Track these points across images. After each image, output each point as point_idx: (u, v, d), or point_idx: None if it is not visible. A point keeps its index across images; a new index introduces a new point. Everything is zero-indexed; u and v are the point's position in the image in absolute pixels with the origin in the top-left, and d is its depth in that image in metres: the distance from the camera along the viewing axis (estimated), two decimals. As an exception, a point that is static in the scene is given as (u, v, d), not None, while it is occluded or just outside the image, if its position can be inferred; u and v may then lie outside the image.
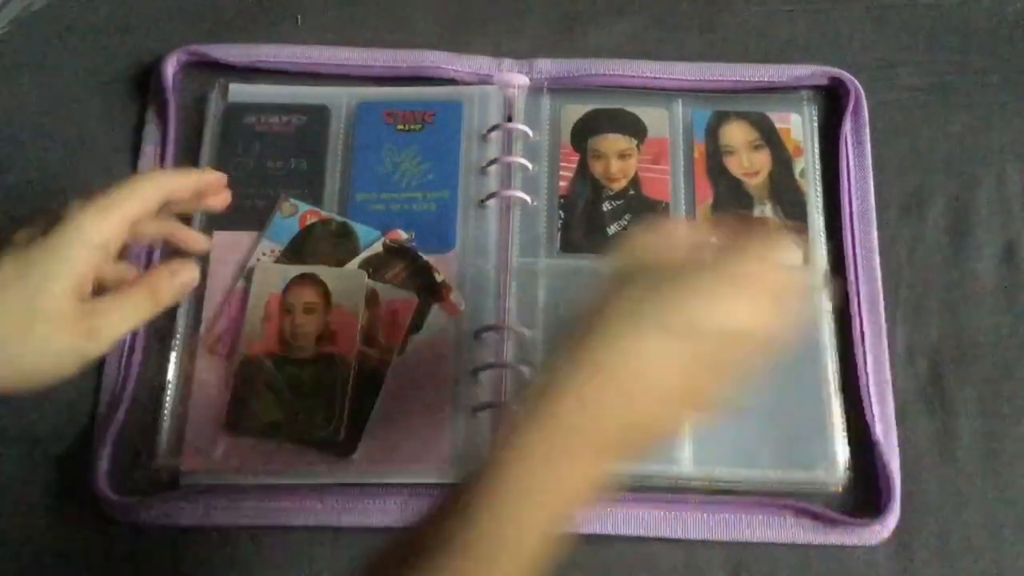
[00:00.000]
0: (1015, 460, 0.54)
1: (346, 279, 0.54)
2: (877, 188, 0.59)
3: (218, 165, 0.59)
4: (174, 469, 0.52)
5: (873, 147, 0.60)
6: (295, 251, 0.56)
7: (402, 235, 0.56)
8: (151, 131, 0.60)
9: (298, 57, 0.62)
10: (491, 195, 0.58)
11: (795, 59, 0.62)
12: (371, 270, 0.55)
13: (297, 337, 0.54)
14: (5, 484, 0.53)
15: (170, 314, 0.55)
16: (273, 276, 0.55)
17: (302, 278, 0.54)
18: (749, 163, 0.59)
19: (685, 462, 0.53)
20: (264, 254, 0.56)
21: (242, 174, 0.58)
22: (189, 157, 0.59)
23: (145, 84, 0.62)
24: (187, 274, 0.46)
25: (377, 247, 0.56)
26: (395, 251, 0.56)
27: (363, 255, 0.55)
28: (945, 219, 0.59)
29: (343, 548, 0.52)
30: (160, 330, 0.55)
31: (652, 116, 0.60)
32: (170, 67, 0.61)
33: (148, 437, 0.53)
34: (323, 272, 0.54)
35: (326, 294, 0.54)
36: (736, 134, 0.60)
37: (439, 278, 0.55)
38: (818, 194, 0.59)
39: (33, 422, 0.54)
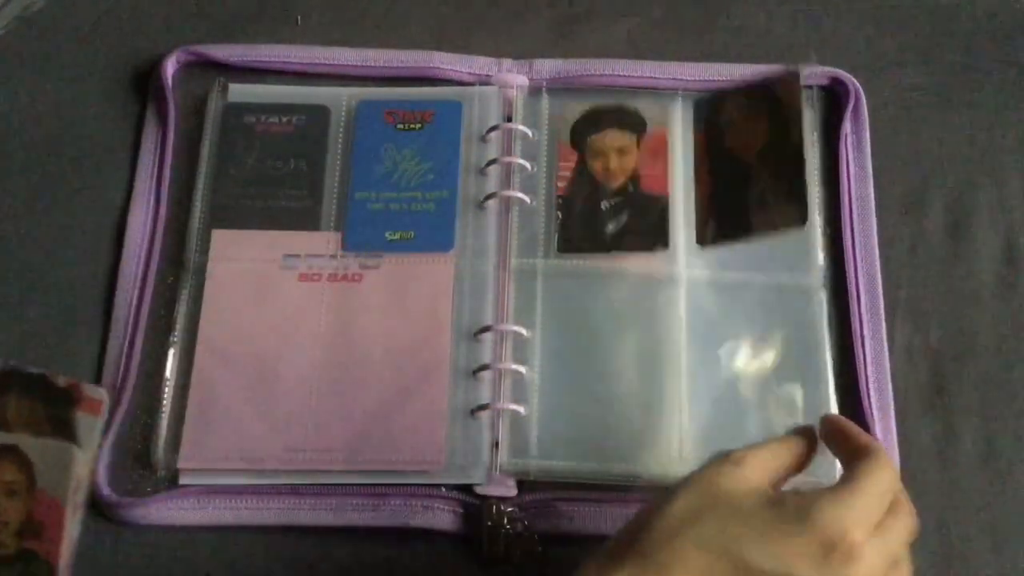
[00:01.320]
0: (1015, 460, 0.54)
1: (51, 453, 0.43)
2: (877, 188, 0.59)
3: (217, 165, 0.59)
4: (173, 468, 0.53)
5: (873, 147, 0.60)
6: None
7: None
8: (150, 131, 0.60)
9: (298, 57, 0.62)
10: (490, 195, 0.58)
11: (795, 59, 0.62)
12: None
13: None
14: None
15: (168, 310, 0.56)
16: None
17: (1, 451, 0.43)
18: (747, 133, 0.59)
19: (685, 463, 0.53)
20: None
21: (242, 174, 0.59)
22: (188, 157, 0.60)
23: (145, 84, 0.62)
24: None
25: None
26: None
27: None
28: (945, 219, 0.59)
29: (343, 548, 0.52)
30: (159, 328, 0.55)
31: (652, 109, 0.60)
32: (170, 67, 0.61)
33: (147, 437, 0.53)
34: (25, 443, 0.43)
35: (30, 473, 0.43)
36: (733, 108, 0.60)
37: (61, 382, 0.44)
38: (818, 194, 0.59)
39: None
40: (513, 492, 0.52)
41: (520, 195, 0.58)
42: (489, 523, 0.51)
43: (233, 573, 0.52)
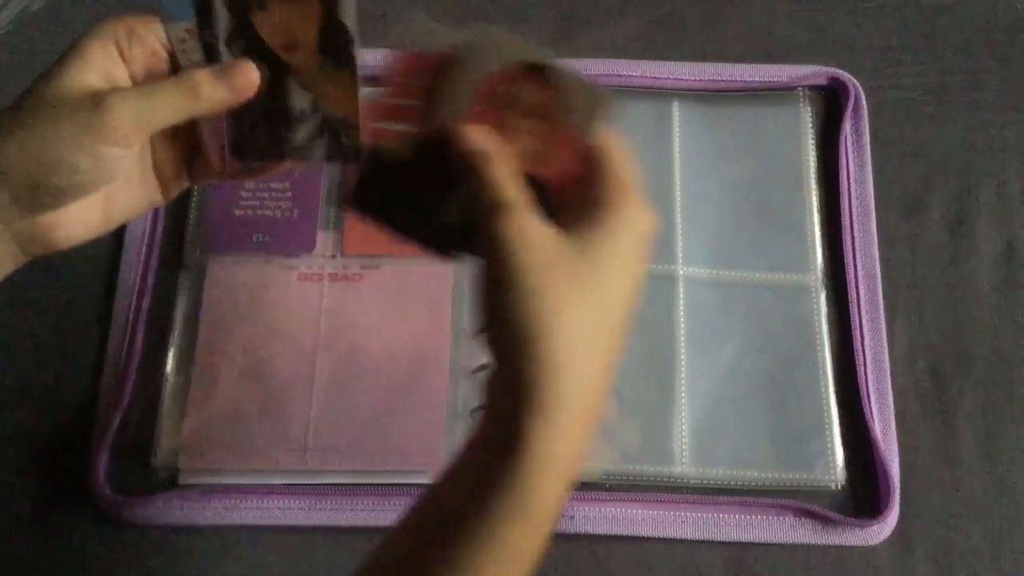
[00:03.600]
0: (1015, 460, 0.54)
1: (584, 88, 0.34)
2: (877, 188, 0.59)
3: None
4: (173, 468, 0.53)
5: (873, 147, 0.60)
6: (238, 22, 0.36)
7: None
8: (151, 131, 0.60)
9: (298, 57, 0.62)
10: (490, 195, 0.58)
11: (795, 59, 0.62)
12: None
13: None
14: (5, 484, 0.53)
15: (168, 310, 0.56)
16: (489, 45, 0.37)
17: (532, 69, 0.35)
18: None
19: (684, 462, 0.53)
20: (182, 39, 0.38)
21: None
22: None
23: (145, 84, 0.62)
24: (242, 75, 0.37)
25: None
26: None
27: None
28: (945, 219, 0.59)
29: (343, 548, 0.52)
30: (159, 328, 0.55)
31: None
32: (170, 67, 0.61)
33: (147, 436, 0.53)
34: (560, 67, 0.34)
35: (560, 105, 0.34)
36: None
37: None
38: (817, 194, 0.59)
39: (33, 421, 0.54)
40: (513, 492, 0.52)
41: (520, 195, 0.58)
42: (489, 523, 0.51)
43: (232, 573, 0.52)
